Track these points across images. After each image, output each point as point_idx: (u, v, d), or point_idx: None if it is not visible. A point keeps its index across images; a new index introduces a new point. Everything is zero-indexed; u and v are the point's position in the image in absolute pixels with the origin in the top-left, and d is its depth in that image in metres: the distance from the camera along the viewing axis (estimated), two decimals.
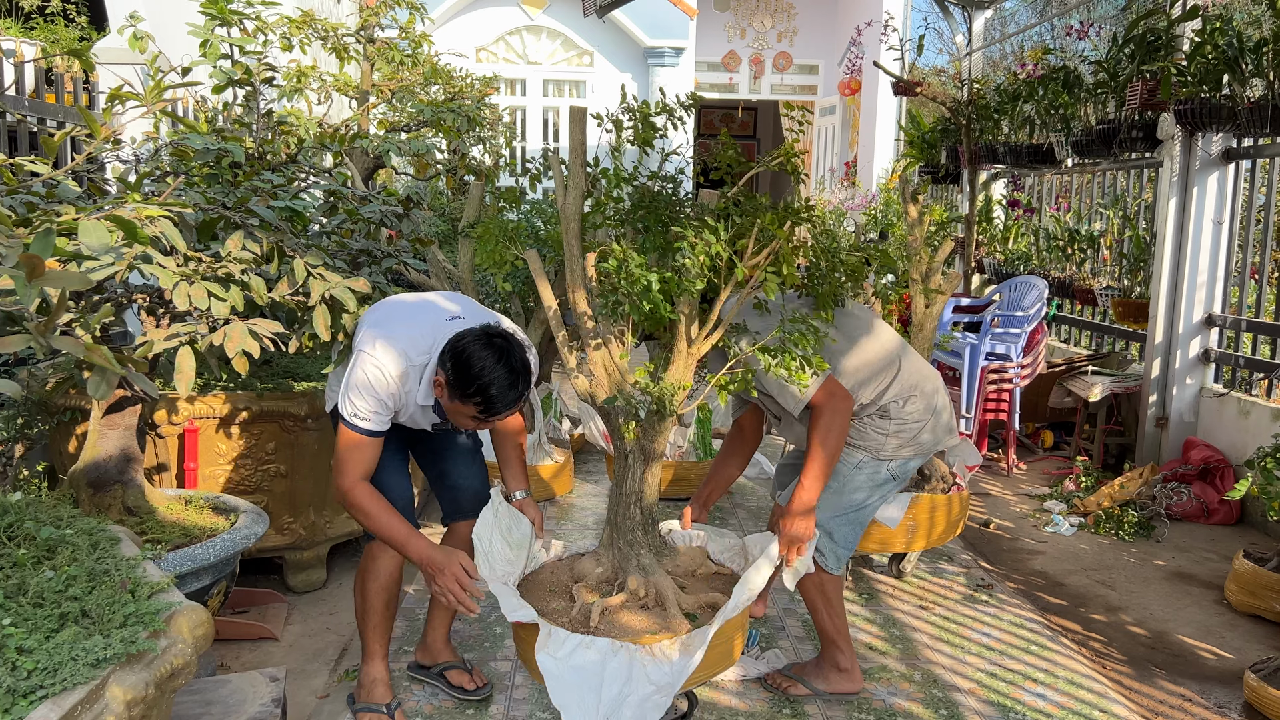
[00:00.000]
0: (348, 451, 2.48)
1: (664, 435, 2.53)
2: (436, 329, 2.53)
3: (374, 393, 2.45)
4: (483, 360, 2.37)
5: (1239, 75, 4.34)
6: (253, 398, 3.43)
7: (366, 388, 2.45)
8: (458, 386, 2.38)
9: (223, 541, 2.62)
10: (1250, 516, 4.72)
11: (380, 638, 2.76)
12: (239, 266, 2.48)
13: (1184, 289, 5.12)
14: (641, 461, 2.52)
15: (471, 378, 2.37)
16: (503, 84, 11.47)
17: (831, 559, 2.93)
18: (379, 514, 2.47)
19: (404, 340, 2.50)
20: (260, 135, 3.99)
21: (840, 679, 2.95)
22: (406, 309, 2.64)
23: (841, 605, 2.96)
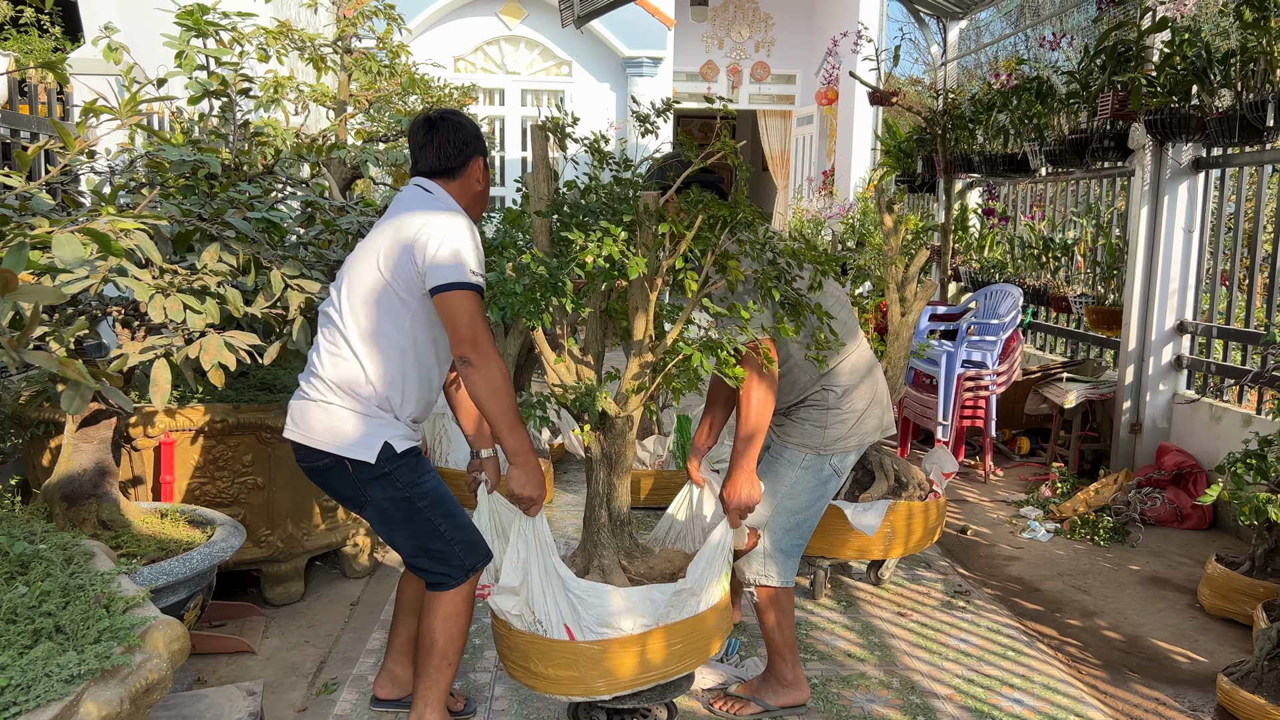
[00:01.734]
0: (478, 318, 2.35)
1: (627, 441, 2.57)
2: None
3: (475, 241, 2.43)
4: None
5: (1207, 86, 4.41)
6: (229, 410, 3.41)
7: (470, 238, 2.41)
8: (479, 138, 2.59)
9: (199, 555, 2.61)
10: (1223, 521, 4.78)
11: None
12: (215, 279, 2.48)
13: (1156, 296, 5.18)
14: (605, 466, 2.59)
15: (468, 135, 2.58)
16: (481, 94, 11.48)
17: (782, 571, 2.89)
18: (510, 389, 2.39)
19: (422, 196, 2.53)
20: (237, 146, 3.98)
21: (787, 692, 2.92)
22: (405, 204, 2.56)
23: (792, 617, 2.93)
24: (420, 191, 2.55)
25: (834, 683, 3.10)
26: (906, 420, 5.94)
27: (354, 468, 2.43)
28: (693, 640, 2.52)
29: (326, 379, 2.45)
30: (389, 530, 2.53)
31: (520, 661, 2.51)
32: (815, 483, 2.86)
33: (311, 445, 2.43)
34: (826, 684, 3.09)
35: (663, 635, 2.46)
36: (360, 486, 2.45)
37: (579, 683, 2.45)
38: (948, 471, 3.92)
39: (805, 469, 2.84)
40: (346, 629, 3.47)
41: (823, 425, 2.82)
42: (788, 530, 2.88)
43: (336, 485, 2.50)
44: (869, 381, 2.89)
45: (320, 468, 2.47)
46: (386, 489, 2.46)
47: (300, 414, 2.47)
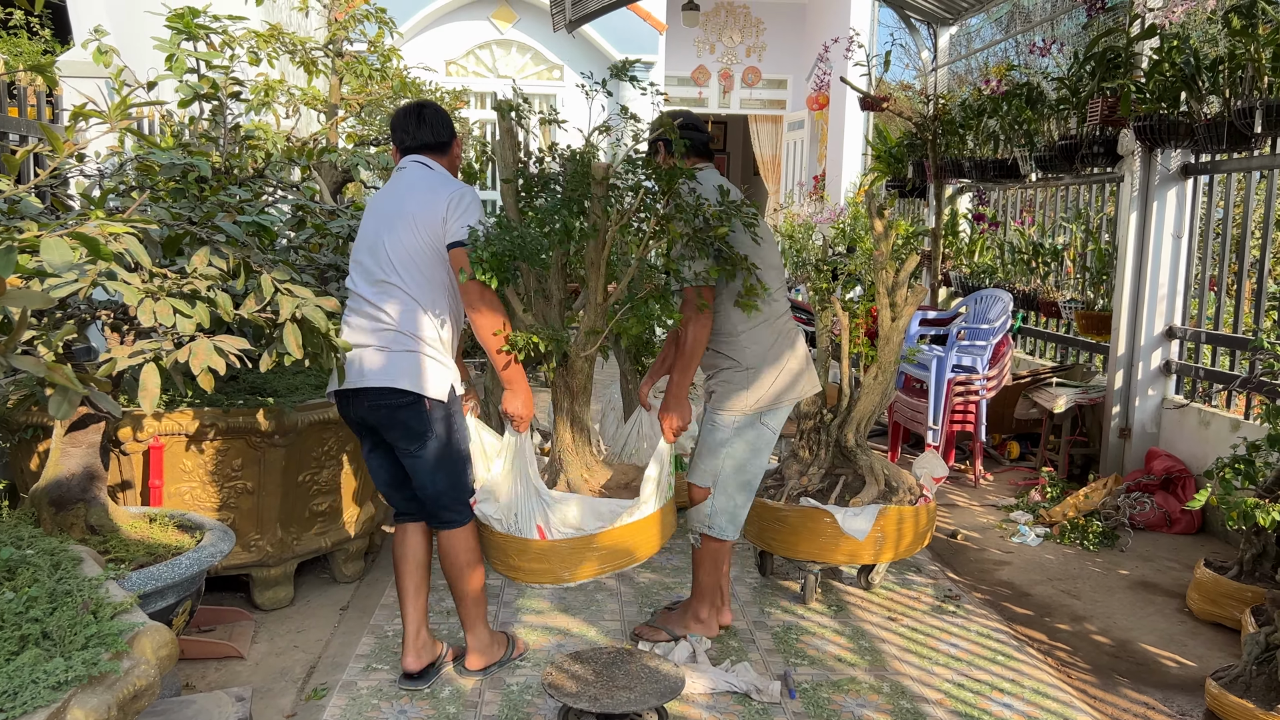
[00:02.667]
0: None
1: (587, 375, 3.09)
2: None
3: (480, 207, 2.94)
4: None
5: (1196, 92, 4.44)
6: (219, 414, 3.40)
7: (478, 206, 2.94)
8: (453, 132, 3.11)
9: (188, 560, 2.59)
10: (1211, 525, 4.80)
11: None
12: (205, 283, 2.47)
13: (1145, 302, 5.20)
14: (569, 396, 3.10)
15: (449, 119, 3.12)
16: (473, 97, 11.48)
17: (727, 525, 3.26)
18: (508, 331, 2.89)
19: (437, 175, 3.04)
20: (227, 150, 3.97)
21: (699, 628, 3.33)
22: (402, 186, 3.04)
23: (727, 568, 3.34)
24: (424, 167, 3.02)
25: (824, 687, 3.10)
26: (897, 425, 5.95)
27: (430, 404, 2.88)
28: (639, 538, 3.04)
29: (402, 330, 2.87)
30: (434, 466, 2.93)
31: (501, 558, 3.06)
32: (752, 439, 3.21)
33: (396, 387, 2.84)
34: (817, 689, 3.09)
35: (615, 535, 2.99)
36: (430, 422, 2.89)
37: (549, 573, 3.00)
38: (938, 476, 3.93)
39: (739, 430, 3.20)
40: (336, 634, 3.46)
41: (746, 387, 3.18)
42: (738, 488, 3.26)
43: (411, 420, 2.88)
44: (783, 347, 3.22)
45: (398, 405, 2.86)
46: (447, 425, 2.93)
47: (377, 363, 2.86)
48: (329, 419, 3.60)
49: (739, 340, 3.18)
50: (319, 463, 3.66)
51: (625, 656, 2.86)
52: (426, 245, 2.91)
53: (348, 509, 3.84)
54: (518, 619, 3.56)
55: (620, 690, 2.65)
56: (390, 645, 3.34)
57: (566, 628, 3.50)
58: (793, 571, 4.06)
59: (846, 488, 3.81)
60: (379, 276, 2.91)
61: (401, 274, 2.90)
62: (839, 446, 3.82)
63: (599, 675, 2.73)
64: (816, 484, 3.79)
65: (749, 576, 4.05)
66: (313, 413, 3.54)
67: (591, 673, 2.74)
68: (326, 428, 3.63)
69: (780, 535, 3.70)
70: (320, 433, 3.62)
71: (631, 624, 3.54)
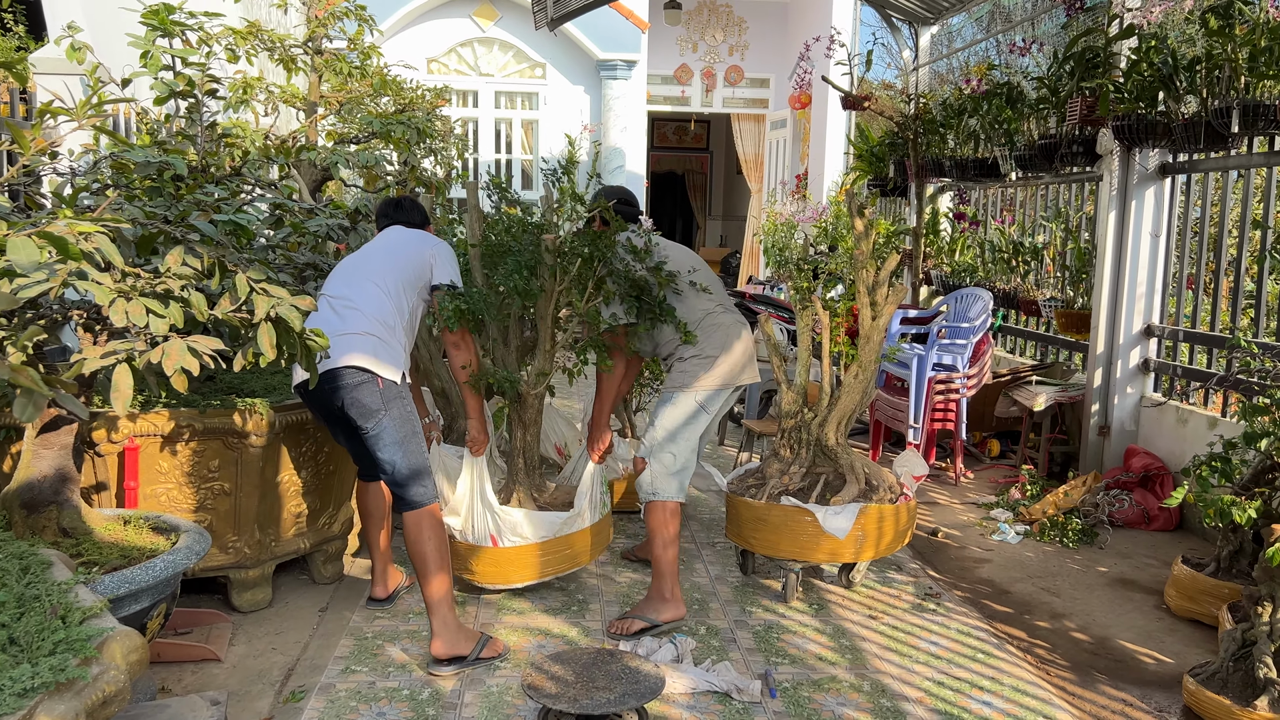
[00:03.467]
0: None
1: (538, 411, 3.79)
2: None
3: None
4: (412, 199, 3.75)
5: (1173, 92, 4.46)
6: (195, 415, 3.37)
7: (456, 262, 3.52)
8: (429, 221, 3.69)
9: (162, 563, 2.57)
10: (1189, 523, 4.83)
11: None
12: (179, 282, 2.44)
13: (1124, 300, 5.23)
14: (521, 428, 3.80)
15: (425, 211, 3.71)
16: (454, 96, 11.43)
17: (662, 485, 3.55)
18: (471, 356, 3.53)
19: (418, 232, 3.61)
20: (204, 148, 3.93)
21: (668, 608, 3.48)
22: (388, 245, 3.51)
23: (675, 538, 3.54)
24: (404, 228, 3.58)
25: (805, 686, 3.10)
26: (878, 423, 5.96)
27: (383, 384, 3.15)
28: (577, 546, 3.72)
29: (363, 312, 3.18)
30: (391, 443, 3.18)
31: (461, 564, 3.66)
32: (686, 412, 3.59)
33: (350, 365, 3.11)
34: (798, 687, 3.09)
35: (555, 543, 3.65)
36: (384, 400, 3.16)
37: (501, 575, 3.65)
38: (918, 474, 3.94)
39: (676, 404, 3.59)
40: (315, 636, 3.43)
41: (685, 370, 3.60)
42: (669, 452, 3.57)
43: (365, 398, 3.13)
44: (720, 342, 3.63)
45: (354, 384, 3.12)
46: (400, 407, 3.20)
47: (336, 348, 3.09)
48: (307, 419, 3.57)
49: (679, 342, 3.68)
50: (297, 463, 3.63)
51: (606, 657, 2.85)
52: (408, 259, 3.37)
53: (326, 510, 3.81)
54: (499, 619, 3.54)
55: (600, 691, 2.64)
56: (369, 647, 3.32)
57: (547, 628, 3.49)
58: (774, 570, 4.06)
59: (827, 486, 3.81)
60: (350, 277, 3.30)
61: (376, 271, 3.30)
62: (820, 445, 3.82)
63: (579, 676, 2.72)
64: (798, 483, 3.79)
65: (730, 576, 4.05)
66: (290, 413, 3.52)
67: (571, 673, 2.73)
68: (304, 428, 3.60)
69: (761, 534, 3.70)
70: (298, 433, 3.59)
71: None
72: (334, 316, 3.19)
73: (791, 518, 3.62)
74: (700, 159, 17.43)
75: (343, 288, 3.27)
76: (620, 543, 4.43)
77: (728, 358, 3.62)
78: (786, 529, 3.65)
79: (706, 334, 3.63)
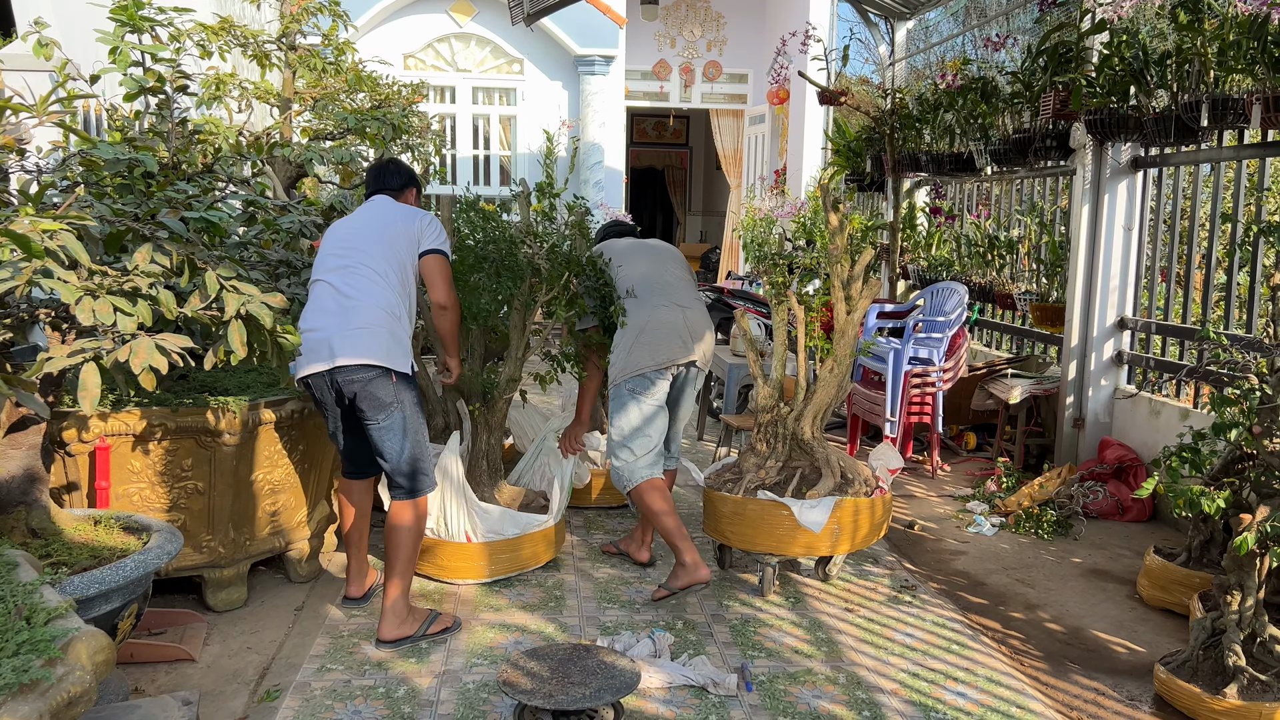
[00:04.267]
0: (449, 274, 3.47)
1: (504, 415, 4.04)
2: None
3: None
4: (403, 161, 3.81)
5: (1145, 86, 4.50)
6: (167, 413, 3.34)
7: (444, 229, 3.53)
8: (416, 176, 3.68)
9: (132, 562, 2.55)
10: (1162, 513, 4.88)
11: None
12: (147, 280, 2.42)
13: (1098, 293, 5.27)
14: (487, 431, 4.03)
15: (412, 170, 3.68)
16: (431, 91, 11.37)
17: (633, 472, 3.74)
18: (459, 328, 3.63)
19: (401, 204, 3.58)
20: (175, 144, 3.90)
21: (686, 574, 3.57)
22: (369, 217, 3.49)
23: (664, 509, 3.66)
24: (390, 198, 3.54)
25: (781, 679, 3.12)
26: (855, 417, 5.99)
27: (396, 377, 3.22)
28: (540, 545, 3.89)
29: (370, 307, 3.21)
30: (400, 435, 3.26)
31: (431, 559, 3.81)
32: (621, 400, 3.78)
33: (366, 363, 3.16)
34: (774, 681, 3.10)
35: (521, 540, 3.82)
36: (397, 392, 3.23)
37: (473, 570, 3.78)
38: (894, 467, 3.96)
39: (614, 399, 3.81)
40: (290, 635, 3.41)
41: (611, 366, 3.84)
42: (625, 448, 3.77)
43: (379, 391, 3.20)
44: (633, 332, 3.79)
45: (368, 378, 3.18)
46: (411, 398, 3.28)
47: (347, 342, 3.17)
48: (281, 417, 3.55)
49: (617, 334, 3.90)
50: (272, 461, 3.61)
51: (582, 653, 2.85)
52: (397, 237, 3.35)
53: (302, 508, 3.79)
54: (476, 616, 3.54)
55: (575, 686, 2.64)
56: (345, 645, 3.31)
57: (524, 624, 3.48)
58: (751, 565, 4.07)
59: (803, 480, 3.82)
60: (344, 262, 3.28)
61: (369, 255, 3.28)
62: (796, 439, 3.84)
63: (554, 672, 2.72)
64: (774, 477, 3.80)
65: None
66: (264, 411, 3.49)
67: (547, 669, 2.73)
68: (279, 426, 3.58)
69: (738, 528, 3.71)
70: (272, 431, 3.57)
71: (590, 619, 3.53)
72: (339, 307, 3.22)
73: (768, 512, 3.63)
74: (680, 154, 17.43)
75: (338, 275, 3.27)
76: (598, 537, 4.43)
77: (644, 342, 3.76)
78: (763, 523, 3.66)
79: (626, 330, 3.82)
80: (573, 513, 4.76)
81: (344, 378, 3.18)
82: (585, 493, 4.79)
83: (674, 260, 4.10)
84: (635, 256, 4.04)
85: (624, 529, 4.57)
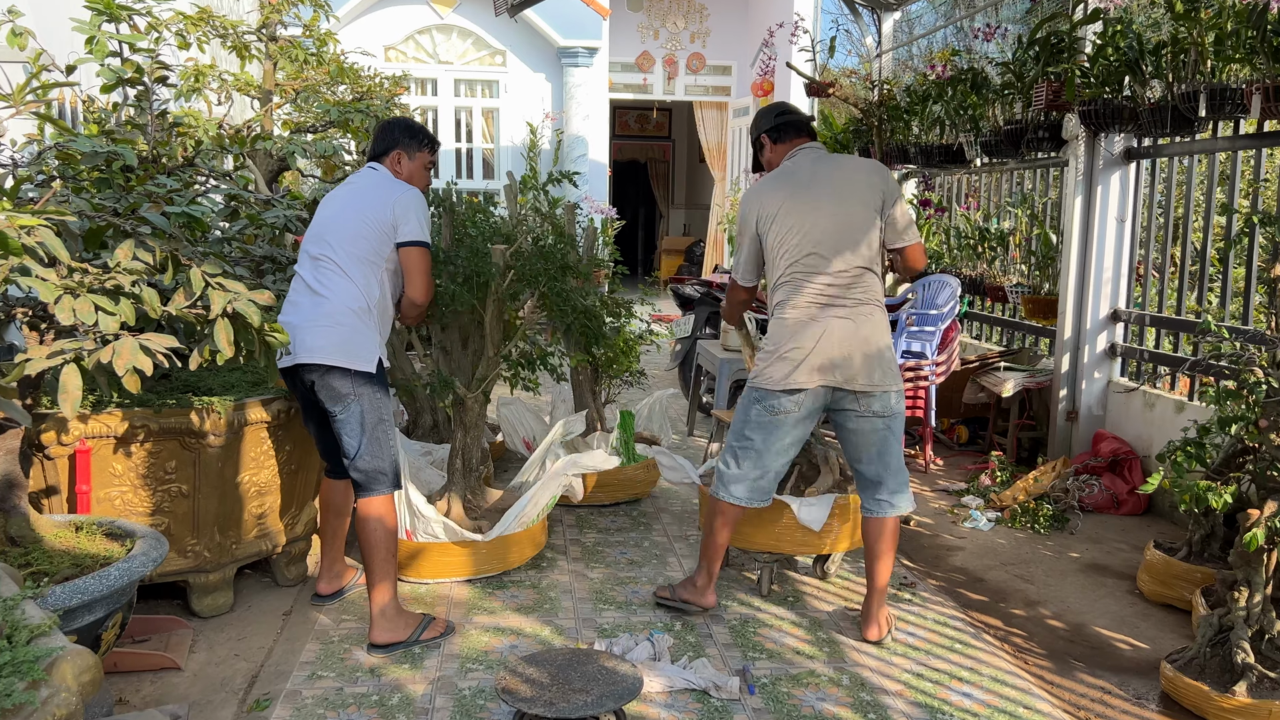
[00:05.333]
0: (428, 267, 3.28)
1: (477, 414, 3.90)
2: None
3: (427, 212, 3.31)
4: (409, 119, 3.56)
5: (1139, 77, 4.46)
6: (150, 414, 3.24)
7: (424, 209, 3.29)
8: (412, 139, 3.41)
9: (117, 571, 2.45)
10: (1158, 506, 4.85)
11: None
12: (129, 278, 2.33)
13: (1090, 285, 5.24)
14: (462, 430, 3.92)
15: (415, 127, 3.46)
16: (413, 84, 11.25)
17: (716, 482, 3.41)
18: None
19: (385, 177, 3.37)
20: (154, 137, 3.79)
21: (694, 592, 3.47)
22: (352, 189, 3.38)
23: (718, 537, 3.41)
24: (371, 171, 3.38)
25: (783, 681, 3.06)
26: None
27: (355, 373, 3.13)
28: (498, 553, 3.79)
29: (333, 301, 3.14)
30: (356, 430, 3.17)
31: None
32: (745, 408, 3.36)
33: (322, 363, 3.10)
34: (776, 683, 3.04)
35: (460, 546, 3.72)
36: (354, 385, 3.14)
37: (412, 569, 3.74)
38: None
39: (744, 396, 3.37)
40: (279, 641, 3.33)
41: (758, 360, 3.36)
42: (731, 447, 3.40)
43: (336, 383, 3.13)
44: (802, 328, 3.22)
45: (325, 370, 3.12)
46: (372, 394, 3.18)
47: (308, 338, 3.11)
48: (267, 417, 3.46)
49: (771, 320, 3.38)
50: (258, 463, 3.51)
51: (581, 657, 2.78)
52: (367, 230, 3.20)
53: (289, 510, 3.70)
54: (470, 619, 3.46)
55: (576, 693, 2.57)
56: (336, 651, 3.22)
57: (520, 628, 3.41)
58: (748, 563, 4.01)
59: (801, 477, 3.76)
60: (316, 253, 3.22)
61: (337, 250, 3.18)
62: None
63: (554, 678, 2.64)
64: None
65: None
66: (250, 411, 3.40)
67: (547, 675, 2.66)
68: (265, 426, 3.48)
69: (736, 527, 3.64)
70: (258, 432, 3.47)
71: (587, 621, 3.46)
72: (308, 303, 3.19)
73: (766, 509, 3.57)
74: (663, 147, 17.36)
75: (309, 267, 3.23)
76: (590, 536, 4.36)
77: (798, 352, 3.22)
78: (761, 521, 3.60)
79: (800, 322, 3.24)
80: (564, 511, 4.68)
81: (305, 369, 3.17)
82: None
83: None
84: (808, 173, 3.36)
85: (616, 527, 4.50)
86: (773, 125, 3.48)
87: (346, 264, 3.18)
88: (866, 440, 3.29)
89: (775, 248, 3.30)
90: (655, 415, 5.27)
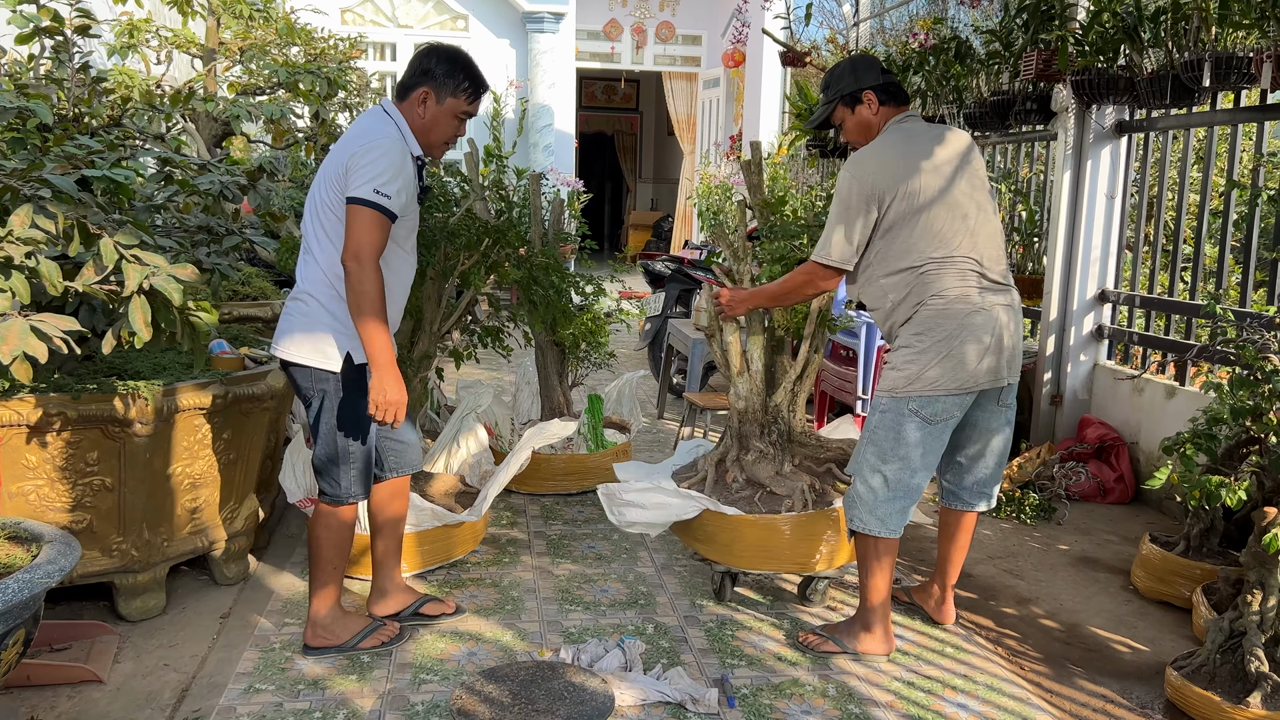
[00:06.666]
0: (370, 231, 2.61)
1: (413, 391, 3.65)
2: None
3: (392, 160, 2.64)
4: (456, 50, 2.84)
5: (1137, 44, 4.23)
6: (68, 400, 2.91)
7: (387, 157, 2.63)
8: (450, 77, 2.77)
9: (15, 583, 2.15)
10: (1145, 495, 4.68)
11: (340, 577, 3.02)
12: (23, 249, 2.02)
13: (1078, 264, 5.03)
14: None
15: (460, 62, 2.80)
16: (370, 48, 10.82)
17: (863, 514, 2.91)
18: (378, 298, 2.63)
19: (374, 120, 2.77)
20: (75, 94, 3.44)
21: (868, 640, 3.00)
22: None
23: (885, 572, 2.96)
24: (370, 114, 2.82)
25: (765, 692, 2.82)
26: (824, 394, 5.72)
27: (316, 372, 2.79)
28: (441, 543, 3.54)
29: (304, 290, 2.78)
30: (318, 431, 2.83)
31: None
32: (895, 424, 2.86)
33: (285, 359, 2.80)
34: (757, 694, 2.81)
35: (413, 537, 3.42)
36: (316, 383, 2.79)
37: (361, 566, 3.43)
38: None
39: (884, 412, 2.88)
40: (215, 648, 3.03)
41: (895, 367, 2.87)
42: (871, 474, 2.91)
43: (299, 379, 2.83)
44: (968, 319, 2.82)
45: (288, 365, 2.83)
46: (337, 393, 2.80)
47: (280, 329, 2.83)
48: (202, 403, 3.14)
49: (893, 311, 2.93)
50: (191, 453, 3.20)
51: (546, 672, 2.53)
52: (329, 195, 2.73)
53: (228, 503, 3.40)
54: (424, 623, 3.19)
55: (541, 714, 2.33)
56: (277, 660, 2.94)
57: (479, 632, 3.14)
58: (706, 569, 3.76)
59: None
60: (300, 234, 2.93)
61: (306, 226, 2.81)
62: (791, 433, 3.50)
63: (516, 697, 2.39)
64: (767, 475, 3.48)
65: (678, 565, 3.75)
66: (183, 396, 3.09)
67: (508, 694, 2.41)
68: (200, 413, 3.17)
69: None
70: (192, 419, 3.16)
71: (552, 624, 3.20)
72: (294, 289, 2.91)
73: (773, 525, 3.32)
74: (630, 119, 17.01)
75: (302, 247, 2.88)
76: (556, 527, 4.10)
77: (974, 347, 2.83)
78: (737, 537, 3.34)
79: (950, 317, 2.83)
80: (528, 500, 4.42)
81: (279, 366, 2.97)
82: (541, 478, 4.44)
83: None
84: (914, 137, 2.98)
85: (584, 518, 4.24)
86: (881, 83, 2.98)
87: (312, 241, 2.78)
88: (994, 433, 3.06)
89: (913, 224, 2.84)
90: (625, 398, 5.01)
